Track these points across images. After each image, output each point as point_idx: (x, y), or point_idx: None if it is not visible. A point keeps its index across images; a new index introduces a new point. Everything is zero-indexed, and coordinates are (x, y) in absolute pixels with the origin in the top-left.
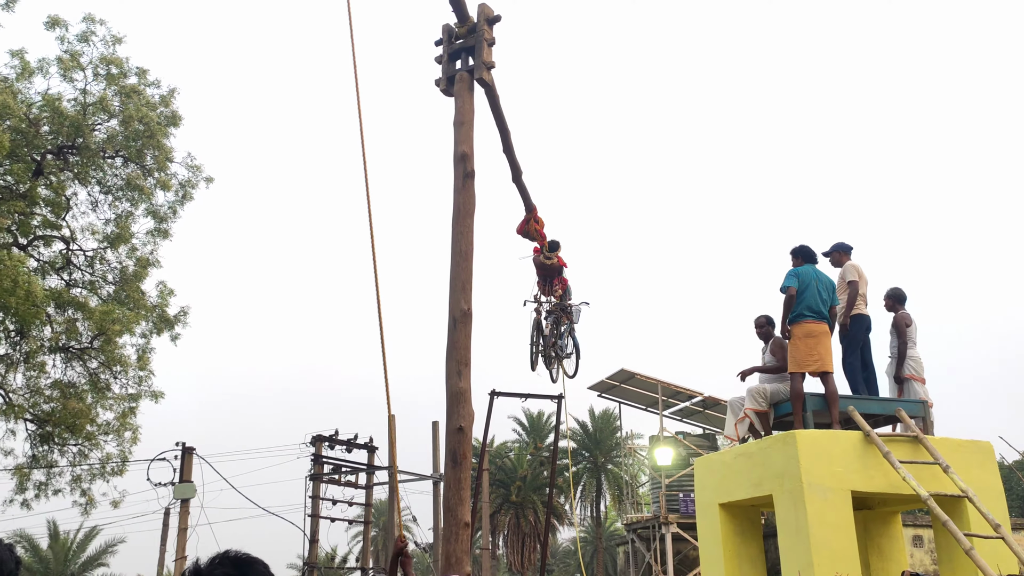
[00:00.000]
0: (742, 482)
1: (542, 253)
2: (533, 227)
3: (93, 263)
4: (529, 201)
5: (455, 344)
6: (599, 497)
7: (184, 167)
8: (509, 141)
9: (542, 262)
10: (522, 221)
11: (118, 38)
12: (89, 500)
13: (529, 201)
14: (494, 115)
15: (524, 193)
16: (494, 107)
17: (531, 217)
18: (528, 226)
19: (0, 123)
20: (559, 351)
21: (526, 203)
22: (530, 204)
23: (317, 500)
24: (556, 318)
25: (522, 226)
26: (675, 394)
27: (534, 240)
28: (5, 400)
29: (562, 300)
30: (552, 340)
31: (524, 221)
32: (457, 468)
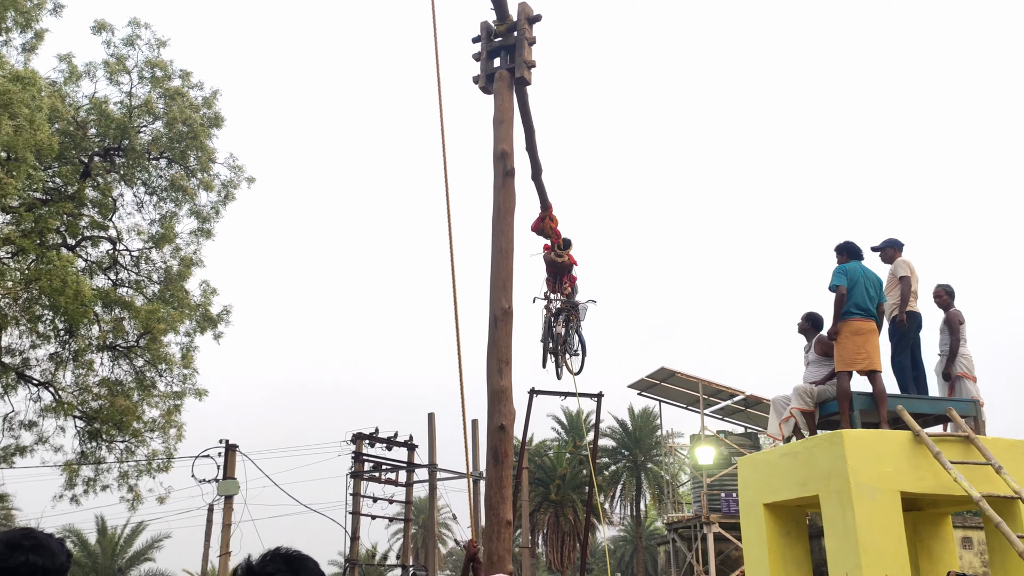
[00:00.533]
0: (787, 482)
1: (553, 251)
2: (548, 225)
3: (139, 263)
4: (545, 199)
5: (496, 342)
6: (639, 496)
7: (226, 167)
8: (533, 139)
9: (553, 260)
10: (537, 219)
11: (162, 41)
12: (136, 496)
13: (545, 199)
14: (521, 112)
15: (541, 191)
16: (522, 104)
17: (546, 215)
18: (543, 224)
19: (49, 126)
20: (568, 348)
21: (543, 201)
22: (546, 202)
23: (358, 497)
24: (567, 315)
25: (537, 224)
26: (716, 392)
27: (548, 238)
28: (55, 397)
29: (570, 298)
30: (562, 337)
31: (539, 219)
32: (499, 466)
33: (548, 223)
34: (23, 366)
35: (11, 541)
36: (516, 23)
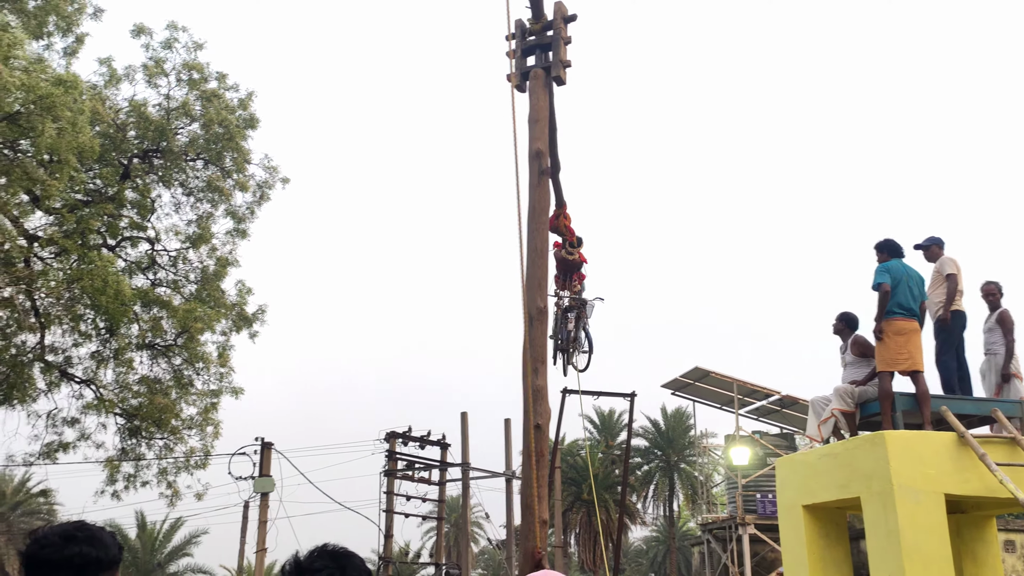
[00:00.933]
0: (827, 483)
1: (564, 248)
2: (562, 222)
3: (176, 263)
4: (561, 197)
5: (531, 342)
6: (672, 496)
7: (261, 168)
8: (555, 137)
9: (564, 257)
10: (552, 216)
11: (199, 44)
12: (175, 492)
13: (561, 197)
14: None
15: (558, 189)
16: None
17: (561, 212)
18: (558, 221)
19: (90, 129)
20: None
21: (558, 198)
22: (562, 200)
23: (391, 496)
24: (577, 313)
25: (552, 221)
26: (751, 392)
27: (562, 235)
28: (96, 395)
29: (579, 295)
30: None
31: (554, 216)
32: (535, 466)
33: (563, 220)
34: (66, 364)
35: (66, 533)
36: (552, 22)
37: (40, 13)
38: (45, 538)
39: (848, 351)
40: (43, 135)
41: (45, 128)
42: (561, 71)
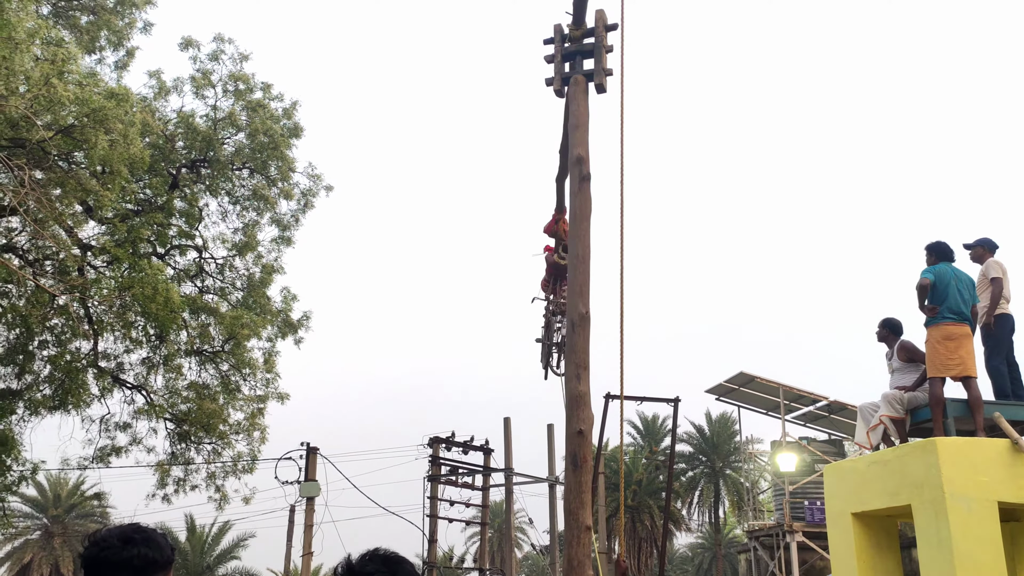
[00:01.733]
0: (877, 491)
1: (557, 252)
2: (561, 228)
3: (223, 270)
4: (562, 203)
5: (574, 347)
6: (717, 502)
7: (305, 176)
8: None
9: (556, 261)
10: (551, 220)
11: (245, 55)
12: (223, 496)
13: (562, 203)
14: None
15: (561, 194)
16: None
17: (560, 218)
18: (557, 226)
19: (141, 140)
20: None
21: (559, 204)
22: (562, 206)
23: (435, 500)
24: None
25: (550, 225)
26: (798, 398)
27: (560, 240)
28: (147, 400)
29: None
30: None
31: (553, 221)
32: (578, 472)
33: (562, 225)
34: (118, 370)
35: (124, 535)
36: (593, 29)
37: (93, 28)
38: (104, 540)
39: (895, 357)
40: (96, 147)
41: (98, 140)
42: (603, 79)
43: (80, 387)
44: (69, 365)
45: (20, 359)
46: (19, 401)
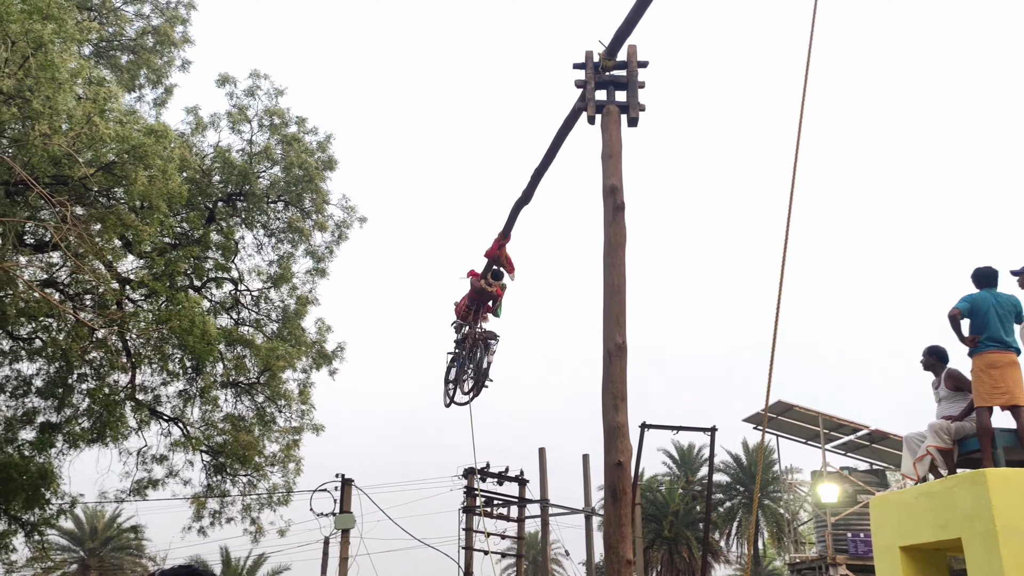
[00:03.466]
0: (925, 524)
1: (484, 278)
2: (503, 253)
3: (259, 302)
4: (510, 230)
5: (610, 378)
6: (756, 534)
7: (339, 208)
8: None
9: (483, 287)
10: (494, 244)
11: (280, 90)
12: (258, 528)
13: (510, 230)
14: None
15: (512, 221)
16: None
17: (504, 243)
18: (500, 251)
19: (179, 175)
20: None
21: (507, 230)
22: (509, 233)
23: (470, 532)
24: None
25: (493, 249)
26: (838, 427)
27: (499, 266)
28: (184, 432)
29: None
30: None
31: (496, 245)
32: (617, 504)
33: (504, 252)
34: (155, 402)
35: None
36: (627, 62)
37: (132, 67)
38: None
39: (942, 385)
40: (136, 183)
41: (138, 176)
42: (637, 112)
43: (118, 420)
44: (107, 398)
45: (60, 392)
46: (58, 434)
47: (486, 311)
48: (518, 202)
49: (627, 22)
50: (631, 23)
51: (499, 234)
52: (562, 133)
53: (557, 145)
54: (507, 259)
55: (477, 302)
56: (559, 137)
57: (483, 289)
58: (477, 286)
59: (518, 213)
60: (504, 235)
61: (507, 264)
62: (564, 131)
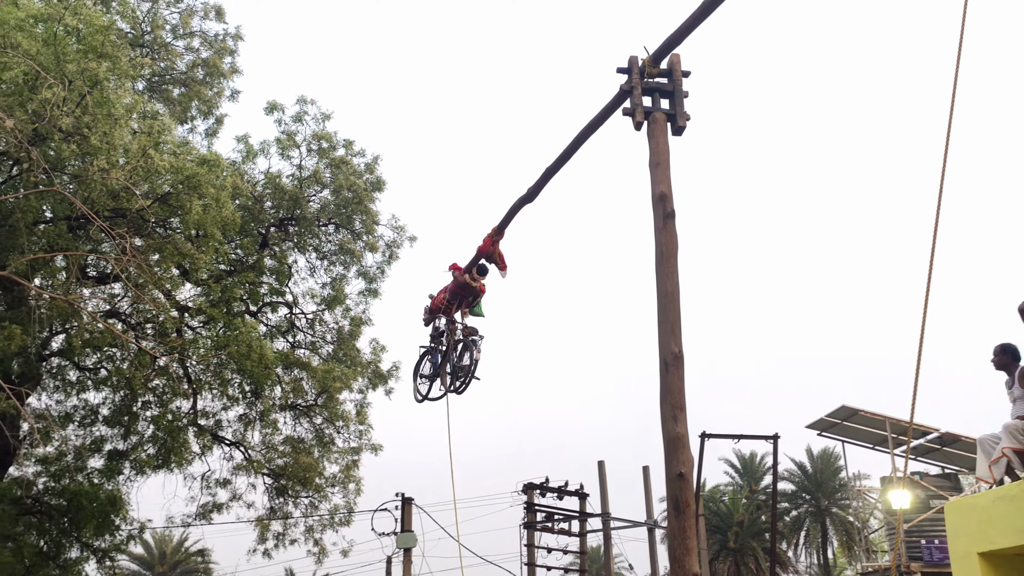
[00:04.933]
0: (1005, 529)
1: (469, 274)
2: (498, 250)
3: (313, 325)
4: (505, 226)
5: (668, 388)
6: (825, 543)
7: (389, 229)
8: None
9: (467, 282)
10: (488, 240)
11: (327, 115)
12: (321, 549)
13: (505, 226)
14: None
15: (510, 218)
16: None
17: (498, 240)
18: (493, 247)
19: (232, 203)
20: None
21: (503, 226)
22: (503, 229)
23: (532, 548)
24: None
25: (487, 245)
26: (906, 431)
27: (492, 262)
28: (245, 456)
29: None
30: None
31: (490, 240)
32: (680, 517)
33: (497, 248)
34: (216, 427)
35: None
36: (670, 71)
37: (184, 100)
38: None
39: (1016, 384)
40: (191, 212)
41: (192, 206)
42: (684, 122)
43: (182, 445)
44: (171, 424)
45: (125, 420)
46: (125, 461)
47: (466, 307)
48: (521, 199)
49: (680, 31)
50: (684, 32)
51: (493, 229)
52: (584, 135)
53: (576, 147)
54: (500, 256)
55: (460, 297)
56: (580, 138)
57: (467, 284)
58: (461, 280)
59: (519, 210)
60: (499, 231)
61: (500, 261)
62: (586, 133)
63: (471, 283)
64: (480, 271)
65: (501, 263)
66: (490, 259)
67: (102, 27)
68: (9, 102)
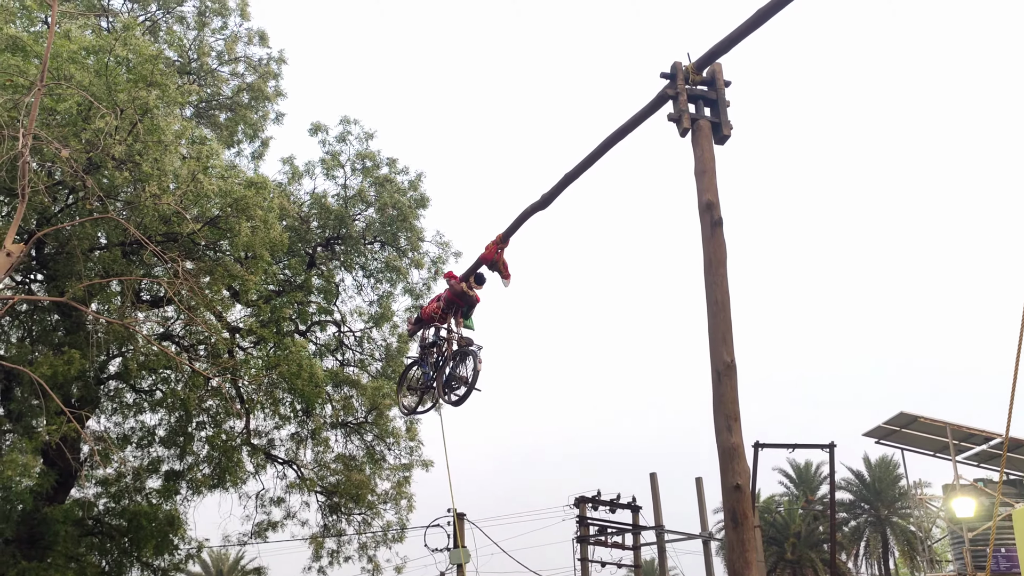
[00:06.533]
0: None
1: (466, 282)
2: (502, 258)
3: (362, 343)
4: (511, 234)
5: (721, 398)
6: (886, 553)
7: (434, 245)
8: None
9: (464, 291)
10: (493, 247)
11: (370, 134)
12: (375, 566)
13: (511, 234)
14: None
15: (518, 225)
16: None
17: (503, 247)
18: (498, 256)
19: (279, 224)
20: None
21: (508, 234)
22: (509, 238)
23: (585, 562)
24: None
25: (491, 253)
26: (968, 437)
27: (494, 268)
28: (298, 474)
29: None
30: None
31: (495, 246)
32: (739, 529)
33: (501, 256)
34: (269, 446)
35: None
36: (712, 79)
37: (230, 124)
38: None
39: None
40: (240, 234)
41: (241, 228)
42: (729, 130)
43: (236, 465)
44: (225, 444)
45: (181, 441)
46: (182, 481)
47: (461, 316)
48: (534, 206)
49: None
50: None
51: (499, 236)
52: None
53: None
54: (504, 264)
55: (455, 306)
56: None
57: (463, 293)
58: (458, 289)
59: (528, 218)
60: (504, 239)
61: (504, 269)
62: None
63: (468, 292)
64: (478, 280)
65: (505, 272)
66: (493, 267)
67: (151, 56)
68: (64, 132)
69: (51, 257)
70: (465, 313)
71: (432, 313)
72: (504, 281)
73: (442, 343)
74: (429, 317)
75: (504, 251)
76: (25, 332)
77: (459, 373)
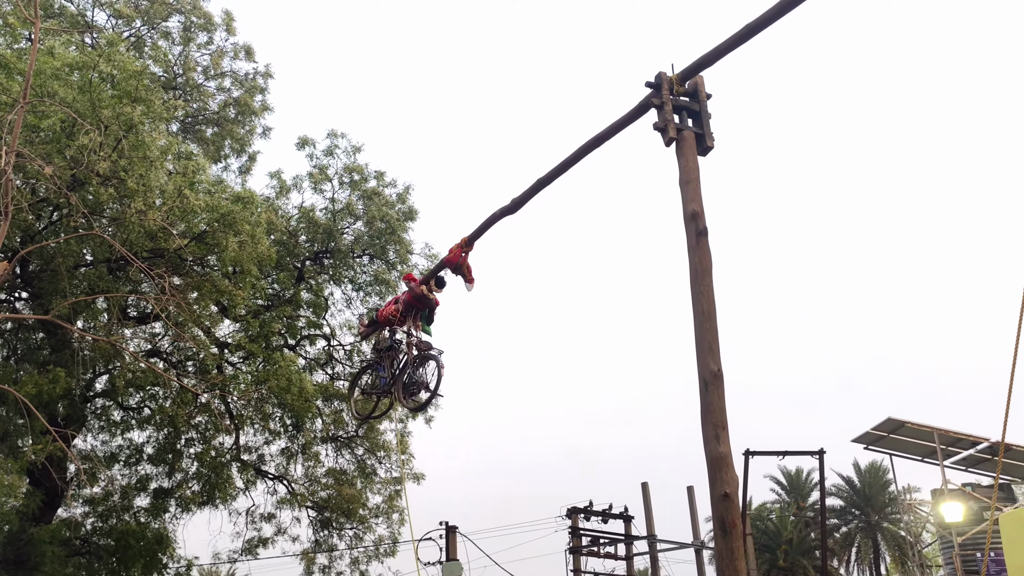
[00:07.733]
0: None
1: (426, 284)
2: (466, 261)
3: (351, 356)
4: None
5: (709, 407)
6: (877, 558)
7: (423, 257)
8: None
9: (424, 294)
10: (457, 250)
11: (357, 147)
12: None
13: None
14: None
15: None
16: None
17: (468, 251)
18: (462, 259)
19: (267, 239)
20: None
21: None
22: (474, 240)
23: (578, 574)
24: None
25: (456, 256)
26: (955, 441)
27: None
28: (288, 490)
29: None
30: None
31: (460, 249)
32: (728, 538)
33: (465, 259)
34: (259, 462)
35: None
36: (695, 91)
37: (217, 139)
38: None
39: None
40: (227, 249)
41: (228, 243)
42: (712, 142)
43: (226, 481)
44: (214, 461)
45: (170, 458)
46: (171, 499)
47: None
48: (503, 210)
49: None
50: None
51: (463, 240)
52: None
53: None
54: (468, 268)
55: (415, 309)
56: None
57: (424, 296)
58: (417, 292)
59: (496, 221)
60: (469, 242)
61: (467, 273)
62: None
63: (428, 295)
64: (439, 283)
65: (468, 276)
66: (457, 270)
67: (135, 72)
68: (48, 149)
69: (36, 275)
70: (425, 317)
71: (389, 316)
72: (467, 285)
73: (399, 346)
74: (386, 320)
75: (469, 255)
76: (10, 351)
77: (420, 378)
